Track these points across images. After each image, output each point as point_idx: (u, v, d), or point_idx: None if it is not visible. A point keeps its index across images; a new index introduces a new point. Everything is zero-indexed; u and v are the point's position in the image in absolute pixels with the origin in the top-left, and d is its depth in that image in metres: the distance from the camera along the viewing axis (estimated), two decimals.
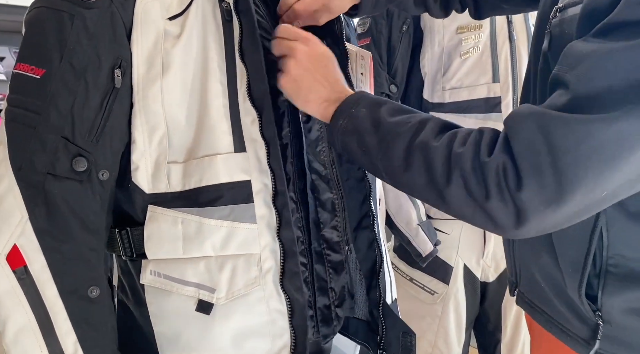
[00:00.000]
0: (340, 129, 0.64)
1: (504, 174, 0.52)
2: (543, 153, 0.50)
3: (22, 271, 0.57)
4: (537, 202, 0.51)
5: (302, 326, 0.67)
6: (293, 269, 0.67)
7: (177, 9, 0.65)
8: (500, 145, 0.54)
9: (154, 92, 0.63)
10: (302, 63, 0.67)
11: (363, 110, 0.63)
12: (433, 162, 0.57)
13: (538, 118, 0.52)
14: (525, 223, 0.53)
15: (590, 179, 0.50)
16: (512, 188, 0.52)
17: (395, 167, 0.60)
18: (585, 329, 0.65)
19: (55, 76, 0.58)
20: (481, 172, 0.54)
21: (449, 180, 0.56)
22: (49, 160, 0.58)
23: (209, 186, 0.64)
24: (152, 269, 0.65)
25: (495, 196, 0.53)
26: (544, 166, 0.50)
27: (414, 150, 0.58)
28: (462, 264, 1.28)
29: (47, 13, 0.60)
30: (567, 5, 0.60)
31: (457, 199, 0.56)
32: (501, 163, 0.53)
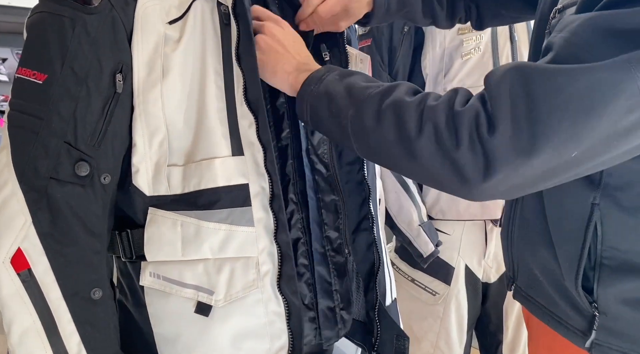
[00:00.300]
0: (311, 94, 0.64)
1: (477, 123, 0.52)
2: (520, 100, 0.50)
3: (27, 274, 0.57)
4: (508, 151, 0.51)
5: (298, 329, 0.68)
6: (289, 272, 0.67)
7: (176, 13, 0.65)
8: (476, 96, 0.54)
9: (154, 95, 0.63)
10: (271, 38, 0.69)
11: (335, 76, 0.64)
12: (405, 116, 0.56)
13: (520, 68, 0.52)
14: (493, 175, 0.52)
15: (563, 130, 0.49)
16: (484, 135, 0.51)
17: (365, 127, 0.60)
18: (582, 320, 0.66)
19: (57, 81, 0.59)
20: (453, 121, 0.53)
21: (420, 132, 0.55)
22: (51, 164, 0.58)
23: (207, 190, 0.64)
24: (152, 271, 0.66)
25: (466, 144, 0.52)
26: (519, 113, 0.50)
27: (387, 107, 0.58)
28: (464, 265, 1.28)
29: (48, 18, 0.60)
30: (565, 6, 0.61)
31: (426, 151, 0.55)
32: (475, 112, 0.52)
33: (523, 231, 0.73)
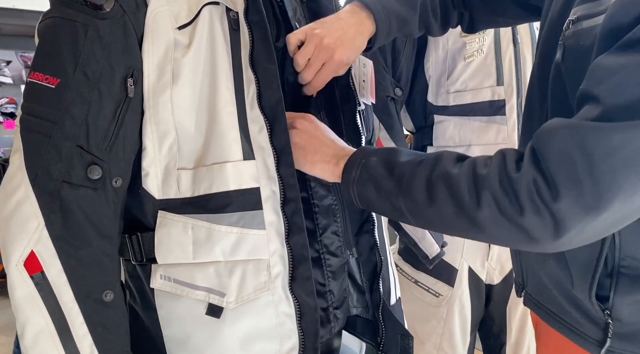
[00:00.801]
0: (354, 180, 0.65)
1: (537, 187, 0.52)
2: (579, 162, 0.50)
3: (40, 277, 0.58)
4: (576, 211, 0.51)
5: (312, 329, 0.68)
6: (305, 273, 0.68)
7: (185, 18, 0.66)
8: (528, 159, 0.54)
9: (164, 100, 0.64)
10: (304, 131, 0.71)
11: (373, 158, 0.65)
12: (458, 189, 0.56)
13: (571, 128, 0.52)
14: (564, 234, 0.53)
15: (628, 185, 0.50)
16: (548, 200, 0.52)
17: (418, 203, 0.60)
18: (595, 328, 0.65)
19: (70, 86, 0.59)
20: (511, 188, 0.53)
21: (478, 203, 0.55)
22: (64, 168, 0.59)
23: (218, 193, 0.65)
24: (162, 273, 0.67)
25: (530, 210, 0.53)
26: (581, 174, 0.50)
27: (435, 182, 0.58)
28: (467, 266, 1.29)
29: (61, 23, 0.61)
30: (580, 17, 0.60)
31: (490, 221, 0.55)
32: (532, 177, 0.53)
33: None
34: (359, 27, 0.77)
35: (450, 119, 1.25)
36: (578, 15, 0.61)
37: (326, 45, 0.73)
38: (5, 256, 0.58)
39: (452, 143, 1.25)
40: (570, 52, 0.62)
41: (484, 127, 1.23)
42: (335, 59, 0.74)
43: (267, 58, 0.67)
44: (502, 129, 1.22)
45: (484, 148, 1.23)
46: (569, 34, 0.62)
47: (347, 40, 0.75)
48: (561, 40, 0.64)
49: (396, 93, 1.27)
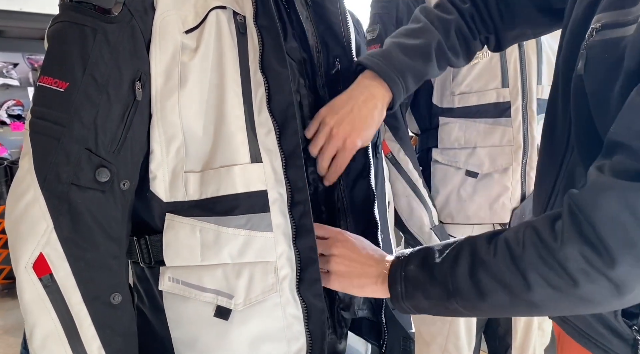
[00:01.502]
0: (402, 295, 0.66)
1: (586, 258, 0.52)
2: (631, 225, 0.50)
3: (48, 279, 0.58)
4: (637, 272, 0.51)
5: (319, 331, 0.69)
6: (313, 276, 0.68)
7: (192, 22, 0.66)
8: (569, 226, 0.53)
9: (172, 103, 0.64)
10: (344, 257, 0.70)
11: (410, 267, 0.65)
12: (503, 278, 0.56)
13: (616, 191, 0.51)
14: (626, 294, 0.53)
15: None
16: (602, 268, 0.51)
17: (471, 301, 0.60)
18: (624, 345, 0.64)
19: (78, 89, 0.60)
20: (558, 263, 0.53)
21: (528, 286, 0.55)
22: (73, 171, 0.59)
23: (226, 196, 0.65)
24: (171, 276, 0.67)
25: (585, 280, 0.52)
26: (635, 237, 0.50)
27: (479, 276, 0.58)
28: None
29: (70, 27, 0.61)
30: (605, 25, 0.57)
31: (546, 299, 0.55)
32: (577, 248, 0.52)
33: None
34: (371, 103, 0.76)
35: (455, 121, 1.25)
36: (602, 23, 0.58)
37: (335, 134, 0.73)
38: (14, 258, 0.59)
39: (457, 145, 1.25)
40: (594, 64, 0.59)
41: (489, 129, 1.23)
42: (347, 146, 0.74)
43: (279, 62, 0.67)
44: (508, 131, 1.22)
45: (490, 150, 1.23)
46: (592, 43, 0.59)
47: (358, 123, 0.75)
48: (583, 49, 0.61)
49: None
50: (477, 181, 1.24)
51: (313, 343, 0.69)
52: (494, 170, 1.24)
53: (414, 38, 0.84)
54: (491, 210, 1.24)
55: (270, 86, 0.67)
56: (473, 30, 0.88)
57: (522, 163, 1.23)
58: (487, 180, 1.24)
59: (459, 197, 1.25)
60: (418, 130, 1.37)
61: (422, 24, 0.86)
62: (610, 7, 0.57)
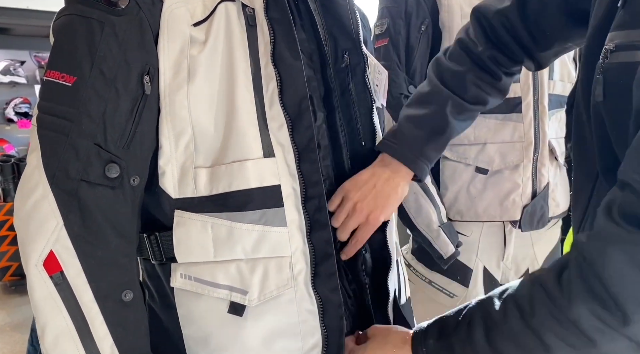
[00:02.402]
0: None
1: (599, 316, 0.51)
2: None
3: (59, 277, 0.58)
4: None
5: (335, 326, 0.68)
6: (329, 270, 0.67)
7: (201, 15, 0.65)
8: (577, 282, 0.52)
9: (181, 98, 0.63)
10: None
11: (429, 341, 0.65)
12: (520, 341, 0.56)
13: (624, 245, 0.50)
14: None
15: None
16: (617, 326, 0.51)
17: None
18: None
19: (86, 83, 0.59)
20: (572, 323, 0.52)
21: (547, 347, 0.55)
22: (82, 166, 0.59)
23: (239, 191, 0.64)
24: (183, 272, 0.66)
25: (602, 339, 0.52)
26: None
27: (496, 343, 0.58)
28: (482, 266, 1.27)
29: (77, 20, 0.60)
30: (619, 46, 0.54)
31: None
32: (589, 306, 0.51)
33: None
34: (393, 181, 0.77)
35: None
36: (616, 43, 0.54)
37: (359, 209, 0.74)
38: (24, 256, 0.58)
39: (466, 141, 1.23)
40: (611, 90, 0.56)
41: (499, 125, 1.21)
42: (370, 221, 0.75)
43: (292, 54, 0.66)
44: (519, 127, 1.21)
45: (500, 146, 1.21)
46: (607, 66, 0.55)
47: (381, 199, 0.76)
48: (599, 73, 0.57)
49: (410, 91, 1.25)
50: (487, 178, 1.23)
51: (329, 338, 0.68)
52: (504, 167, 1.22)
53: (425, 106, 0.83)
54: (501, 207, 1.23)
55: (282, 79, 0.66)
56: (495, 72, 0.86)
57: (533, 159, 1.22)
58: (498, 176, 1.22)
59: (468, 194, 1.24)
60: None
61: (432, 86, 0.85)
62: (624, 25, 0.53)
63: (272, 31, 0.66)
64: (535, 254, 1.31)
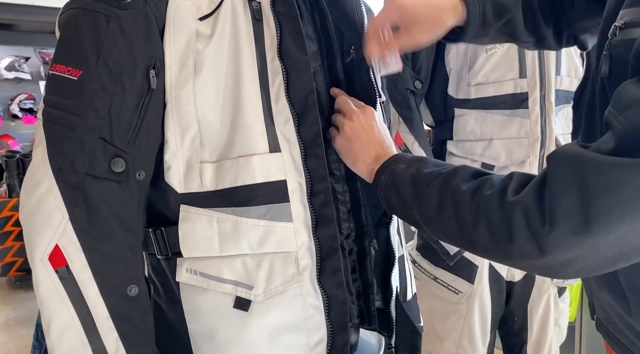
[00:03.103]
0: (382, 185, 0.67)
1: (529, 216, 0.51)
2: (576, 198, 0.49)
3: (64, 271, 0.57)
4: (564, 246, 0.50)
5: (340, 321, 0.68)
6: (334, 265, 0.67)
7: (207, 9, 0.65)
8: (533, 184, 0.52)
9: (187, 92, 0.63)
10: (357, 126, 0.71)
11: (402, 166, 0.67)
12: (461, 208, 0.57)
13: (577, 161, 0.50)
14: (550, 264, 0.53)
15: (620, 228, 0.48)
16: (537, 230, 0.51)
17: (429, 214, 0.62)
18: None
19: (92, 77, 0.59)
20: (505, 213, 0.53)
21: (475, 225, 0.56)
22: (88, 161, 0.58)
23: (244, 186, 0.64)
24: (188, 267, 0.66)
25: (519, 239, 0.52)
26: (576, 210, 0.49)
27: (445, 196, 0.60)
28: (488, 263, 1.26)
29: (82, 14, 0.60)
30: (627, 24, 0.54)
31: (482, 242, 0.56)
32: (525, 205, 0.52)
33: None
34: (442, 4, 0.70)
35: (471, 113, 1.23)
36: (625, 20, 0.54)
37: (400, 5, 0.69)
38: (30, 250, 0.58)
39: (472, 137, 1.23)
40: (618, 65, 0.56)
41: (506, 120, 1.21)
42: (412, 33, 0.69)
43: (299, 49, 0.65)
44: (525, 123, 1.20)
45: (506, 142, 1.21)
46: (615, 43, 0.56)
47: (425, 17, 0.69)
48: (606, 50, 0.57)
49: (416, 86, 1.25)
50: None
51: (334, 333, 0.68)
52: (510, 163, 1.21)
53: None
54: None
55: (289, 74, 0.65)
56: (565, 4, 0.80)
57: (539, 155, 1.21)
58: (504, 172, 1.21)
59: None
60: (432, 123, 1.35)
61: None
62: (635, 3, 0.54)
63: (278, 25, 0.66)
64: None
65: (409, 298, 0.85)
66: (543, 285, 1.29)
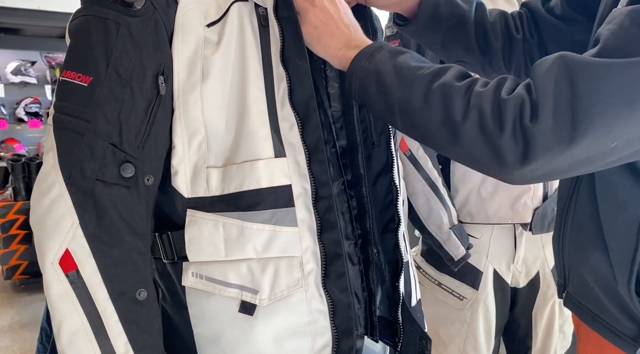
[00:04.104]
0: (361, 70, 0.64)
1: (521, 108, 0.53)
2: (564, 92, 0.52)
3: (75, 275, 0.58)
4: (548, 139, 0.52)
5: (345, 326, 0.68)
6: (339, 270, 0.67)
7: (214, 16, 0.65)
8: (523, 84, 0.55)
9: (194, 98, 0.64)
10: (322, 12, 0.68)
11: (386, 54, 0.64)
12: (452, 99, 0.57)
13: (565, 60, 0.53)
14: (531, 161, 0.54)
15: (603, 122, 0.51)
16: (526, 123, 0.53)
17: (412, 106, 0.61)
18: (633, 327, 0.65)
19: (102, 84, 0.60)
20: (499, 107, 0.55)
21: (465, 116, 0.56)
22: (97, 166, 0.59)
23: (250, 191, 0.65)
24: (194, 271, 0.67)
25: (509, 131, 0.54)
26: (561, 104, 0.51)
27: (435, 88, 0.59)
28: (492, 269, 1.26)
29: (93, 21, 0.61)
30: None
31: (469, 136, 0.57)
32: (520, 99, 0.54)
33: (575, 236, 0.73)
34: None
35: None
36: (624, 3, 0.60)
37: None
38: (40, 254, 0.59)
39: None
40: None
41: None
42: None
43: (299, 54, 0.66)
44: None
45: None
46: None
47: None
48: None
49: None
50: (498, 181, 1.22)
51: (339, 338, 0.68)
52: None
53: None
54: (512, 209, 1.22)
55: (291, 79, 0.66)
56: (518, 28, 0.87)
57: None
58: None
59: (479, 196, 1.23)
60: None
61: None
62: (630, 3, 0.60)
63: (281, 31, 0.66)
64: (546, 257, 1.30)
65: (413, 304, 0.85)
66: (548, 291, 1.29)
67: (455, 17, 0.83)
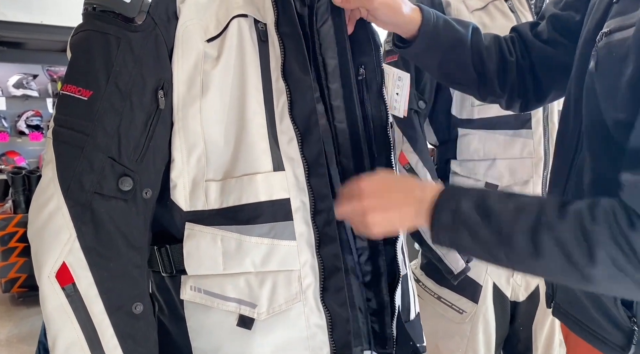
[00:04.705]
0: (445, 227, 0.62)
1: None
2: None
3: (71, 288, 0.58)
4: None
5: (344, 341, 0.68)
6: (337, 284, 0.67)
7: (214, 31, 0.66)
8: (621, 207, 0.55)
9: (194, 112, 0.64)
10: (373, 198, 0.65)
11: (465, 203, 0.61)
12: (567, 245, 0.56)
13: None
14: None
15: None
16: None
17: (522, 255, 0.59)
18: (620, 335, 0.66)
19: (102, 98, 0.60)
20: (628, 246, 0.54)
21: (592, 260, 0.55)
22: (96, 179, 0.60)
23: (248, 205, 0.65)
24: (192, 285, 0.66)
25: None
26: None
27: (541, 234, 0.57)
28: (492, 283, 1.26)
29: (94, 36, 0.62)
30: (613, 30, 0.63)
31: (605, 277, 0.56)
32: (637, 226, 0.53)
33: None
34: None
35: (474, 132, 1.24)
36: (610, 28, 0.64)
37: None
38: (37, 267, 0.59)
39: (476, 157, 1.23)
40: (603, 62, 0.64)
41: (509, 140, 1.21)
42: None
43: (301, 69, 0.67)
44: (528, 143, 1.20)
45: (510, 162, 1.21)
46: (601, 45, 0.65)
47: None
48: (594, 51, 0.66)
49: (420, 106, 1.25)
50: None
51: (338, 353, 0.68)
52: (514, 183, 1.21)
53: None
54: None
55: (292, 94, 0.66)
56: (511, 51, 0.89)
57: (542, 176, 1.21)
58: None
59: None
60: (436, 142, 1.36)
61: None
62: (617, 14, 0.64)
63: (282, 46, 0.67)
64: None
65: (412, 317, 0.84)
66: None
67: (453, 41, 0.84)
